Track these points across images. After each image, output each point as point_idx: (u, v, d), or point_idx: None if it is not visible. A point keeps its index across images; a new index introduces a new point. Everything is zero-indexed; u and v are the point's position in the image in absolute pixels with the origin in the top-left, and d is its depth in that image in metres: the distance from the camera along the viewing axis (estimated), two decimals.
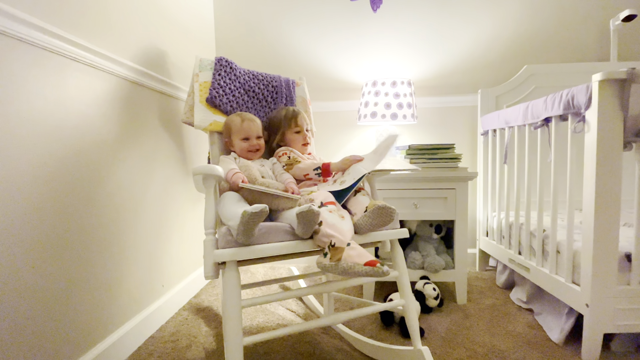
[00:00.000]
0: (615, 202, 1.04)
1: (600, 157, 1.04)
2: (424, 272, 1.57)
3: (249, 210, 0.76)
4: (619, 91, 1.02)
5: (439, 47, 2.01)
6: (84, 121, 1.04)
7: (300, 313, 1.48)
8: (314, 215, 0.82)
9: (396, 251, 1.03)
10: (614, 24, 1.84)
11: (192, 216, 1.73)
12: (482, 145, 1.94)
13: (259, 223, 0.80)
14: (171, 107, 1.55)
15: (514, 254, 1.55)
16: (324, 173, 1.15)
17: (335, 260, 0.81)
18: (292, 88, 1.56)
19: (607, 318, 1.07)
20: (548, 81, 1.87)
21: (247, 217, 0.76)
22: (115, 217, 1.16)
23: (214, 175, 0.92)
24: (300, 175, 1.19)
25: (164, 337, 1.29)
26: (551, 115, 1.27)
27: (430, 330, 1.31)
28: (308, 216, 0.81)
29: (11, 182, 0.81)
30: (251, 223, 0.78)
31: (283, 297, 0.88)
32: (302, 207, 0.80)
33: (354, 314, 0.95)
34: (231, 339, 0.78)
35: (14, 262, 0.81)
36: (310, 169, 1.16)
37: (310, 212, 0.80)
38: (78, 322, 0.99)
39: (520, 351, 1.16)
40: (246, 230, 0.79)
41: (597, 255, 1.05)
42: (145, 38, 1.38)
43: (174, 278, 1.54)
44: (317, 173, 1.15)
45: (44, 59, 0.90)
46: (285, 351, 1.19)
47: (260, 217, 0.78)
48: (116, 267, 1.16)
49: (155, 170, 1.41)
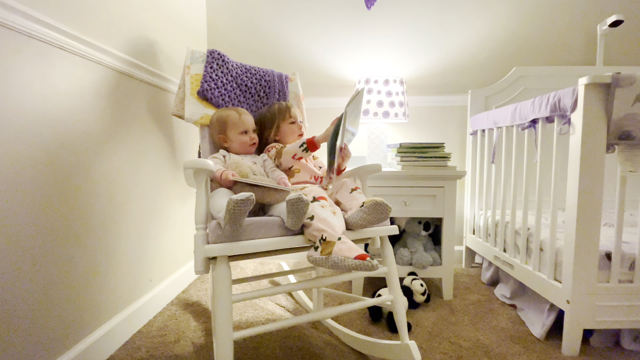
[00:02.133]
0: (597, 202, 1.08)
1: (584, 158, 1.07)
2: (412, 268, 1.60)
3: (234, 197, 0.76)
4: (603, 95, 1.05)
5: (431, 47, 2.03)
6: (70, 112, 1.01)
7: (290, 308, 1.49)
8: (303, 205, 0.82)
9: (386, 248, 1.05)
10: (601, 29, 1.89)
11: (180, 211, 1.71)
12: (470, 145, 1.98)
13: (246, 212, 0.80)
14: (161, 100, 1.52)
15: (499, 251, 1.59)
16: (310, 147, 1.15)
17: (326, 254, 0.81)
18: (285, 83, 1.55)
19: (587, 314, 1.11)
20: (536, 83, 1.91)
21: (233, 205, 0.76)
22: (102, 211, 1.13)
23: (205, 170, 0.91)
24: (290, 160, 1.19)
25: (152, 331, 1.28)
26: (538, 117, 1.29)
27: (417, 325, 1.33)
28: (298, 205, 0.81)
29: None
30: (237, 211, 0.78)
31: (274, 292, 0.88)
32: (292, 195, 0.81)
33: (344, 309, 0.96)
34: (222, 333, 0.78)
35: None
36: (296, 147, 1.16)
37: (300, 200, 0.81)
38: (64, 317, 0.97)
39: (504, 345, 1.20)
40: (232, 219, 0.79)
41: (578, 253, 1.09)
42: (134, 27, 1.34)
43: (162, 273, 1.52)
44: (303, 149, 1.15)
45: (28, 46, 0.87)
46: (274, 346, 1.19)
47: (245, 204, 0.77)
48: (103, 261, 1.14)
49: (143, 163, 1.39)
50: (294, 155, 1.18)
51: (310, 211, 0.89)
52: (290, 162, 1.20)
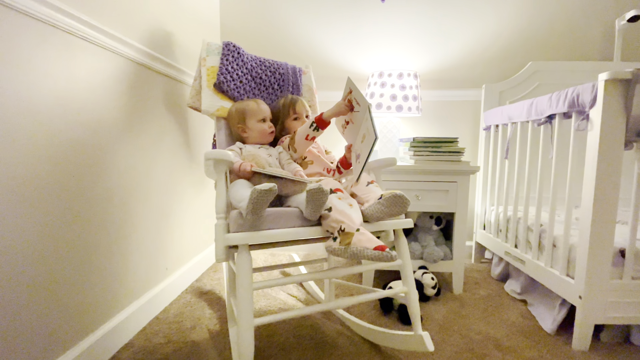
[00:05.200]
0: (614, 198, 1.07)
1: (601, 154, 1.06)
2: (422, 262, 1.61)
3: (258, 187, 0.78)
4: (623, 91, 1.04)
5: (446, 40, 2.01)
6: (91, 102, 1.03)
7: (302, 298, 1.52)
8: (323, 195, 0.83)
9: (401, 241, 1.06)
10: (619, 24, 1.85)
11: (195, 201, 1.74)
12: (483, 141, 1.97)
13: (267, 202, 0.81)
14: (176, 91, 1.54)
15: (510, 247, 1.59)
16: (320, 124, 1.18)
17: (344, 244, 0.83)
18: (298, 76, 1.55)
19: (598, 310, 1.11)
20: (552, 78, 1.89)
21: (256, 194, 0.78)
22: (121, 200, 1.16)
23: (225, 161, 0.93)
24: (302, 143, 1.21)
25: (168, 318, 1.32)
26: (555, 113, 1.29)
27: (428, 318, 1.35)
28: (317, 195, 0.83)
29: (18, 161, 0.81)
30: (260, 201, 0.80)
31: (291, 281, 0.91)
32: (312, 185, 0.82)
33: (358, 300, 0.98)
34: (243, 319, 0.81)
35: (21, 243, 0.82)
36: (307, 127, 1.19)
37: (320, 190, 0.82)
38: (86, 302, 1.01)
39: (514, 339, 1.21)
40: (255, 208, 0.81)
41: (592, 249, 1.09)
42: (151, 18, 1.36)
43: (177, 262, 1.56)
44: (314, 128, 1.18)
45: (53, 36, 0.89)
46: (287, 334, 1.22)
47: (268, 195, 0.79)
48: (123, 249, 1.17)
49: (160, 154, 1.41)
50: (306, 136, 1.19)
51: (328, 202, 0.91)
52: (304, 144, 1.21)
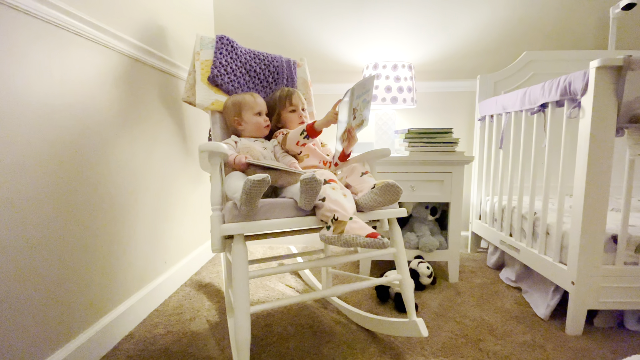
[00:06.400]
0: (605, 184, 1.09)
1: (593, 140, 1.07)
2: (418, 251, 1.63)
3: (251, 178, 0.79)
4: (614, 78, 1.05)
5: (440, 32, 2.01)
6: (86, 97, 1.04)
7: (299, 289, 1.54)
8: (317, 184, 0.84)
9: (394, 229, 1.07)
10: (613, 12, 1.85)
11: (191, 196, 1.75)
12: (478, 131, 1.97)
13: (261, 193, 0.82)
14: (170, 86, 1.54)
15: (505, 235, 1.61)
16: (310, 133, 1.15)
17: (338, 232, 0.84)
18: (293, 69, 1.56)
19: (591, 295, 1.13)
20: (547, 68, 1.89)
21: (250, 185, 0.79)
22: (118, 194, 1.17)
23: (219, 153, 0.94)
24: (293, 147, 1.20)
25: (168, 310, 1.34)
26: (548, 101, 1.29)
27: (424, 306, 1.37)
28: (311, 184, 0.84)
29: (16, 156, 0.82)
30: (253, 191, 0.80)
31: (287, 269, 0.92)
32: (306, 175, 0.83)
33: (353, 287, 0.99)
34: (239, 306, 0.82)
35: (20, 238, 0.83)
36: (297, 134, 1.17)
37: (314, 179, 0.83)
38: (87, 295, 1.02)
39: (508, 324, 1.23)
40: (248, 198, 0.82)
41: (584, 235, 1.11)
42: (145, 13, 1.35)
43: (175, 255, 1.57)
44: (304, 136, 1.16)
45: (46, 32, 0.89)
46: (285, 323, 1.24)
47: (261, 185, 0.80)
48: (121, 242, 1.18)
49: (156, 149, 1.42)
50: (297, 142, 1.19)
51: (322, 193, 0.92)
52: (296, 148, 1.22)
